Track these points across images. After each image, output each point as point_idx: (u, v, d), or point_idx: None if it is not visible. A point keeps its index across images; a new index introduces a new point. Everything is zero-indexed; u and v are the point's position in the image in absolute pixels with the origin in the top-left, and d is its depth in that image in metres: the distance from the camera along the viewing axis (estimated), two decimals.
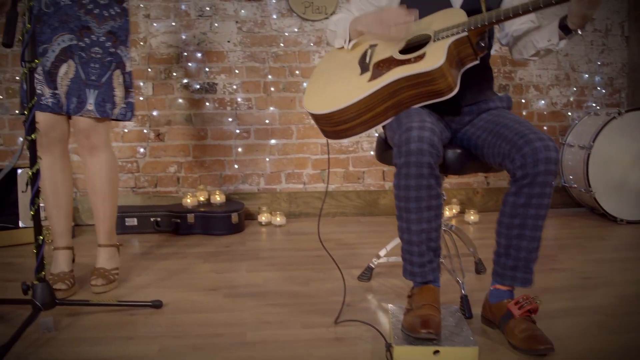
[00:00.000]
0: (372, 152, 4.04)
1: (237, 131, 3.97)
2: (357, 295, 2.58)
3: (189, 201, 3.73)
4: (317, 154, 4.03)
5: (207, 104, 3.94)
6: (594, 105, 4.30)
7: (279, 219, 3.83)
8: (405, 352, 1.92)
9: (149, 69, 3.87)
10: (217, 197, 3.80)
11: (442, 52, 2.07)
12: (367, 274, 2.76)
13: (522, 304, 2.05)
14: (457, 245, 2.72)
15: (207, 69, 3.91)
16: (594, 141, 3.77)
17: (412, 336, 1.96)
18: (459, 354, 1.92)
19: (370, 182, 4.11)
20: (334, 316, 2.30)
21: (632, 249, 3.35)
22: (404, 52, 2.25)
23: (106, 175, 2.70)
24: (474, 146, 2.27)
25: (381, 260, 2.76)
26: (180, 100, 3.93)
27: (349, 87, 2.23)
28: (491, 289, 2.20)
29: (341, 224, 3.90)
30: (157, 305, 2.42)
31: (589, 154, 3.79)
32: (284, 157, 4.02)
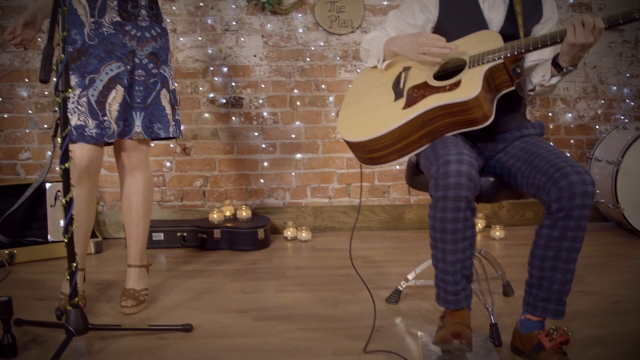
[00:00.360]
0: (397, 167, 4.02)
1: (263, 145, 3.97)
2: (386, 319, 2.57)
3: (215, 216, 3.74)
4: (343, 168, 4.02)
5: (233, 118, 3.94)
6: (623, 118, 4.25)
7: (304, 234, 3.83)
8: None
9: (176, 84, 3.86)
10: (244, 212, 3.80)
11: (478, 80, 2.06)
12: (396, 297, 2.75)
13: (554, 336, 2.03)
14: (486, 267, 2.70)
15: (233, 84, 3.91)
16: (622, 157, 3.73)
17: (444, 348, 1.96)
18: None
19: (395, 196, 4.10)
20: (363, 342, 2.30)
21: None
22: (438, 77, 2.24)
23: (143, 195, 2.72)
24: (506, 174, 2.25)
25: (409, 283, 2.75)
26: (206, 114, 3.93)
27: (383, 115, 2.22)
28: (522, 318, 2.19)
29: (367, 239, 3.89)
30: (187, 329, 2.43)
31: (617, 170, 3.74)
32: (309, 172, 4.02)
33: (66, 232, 2.14)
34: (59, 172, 2.12)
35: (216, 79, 3.91)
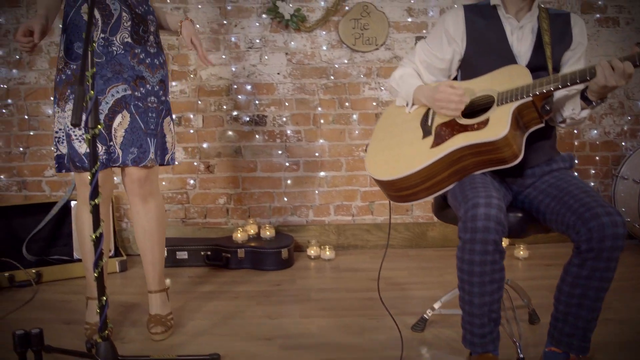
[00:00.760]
0: None
1: (287, 164, 3.98)
2: (412, 349, 2.56)
3: (239, 236, 3.74)
4: (366, 186, 4.01)
5: (257, 136, 3.95)
6: None
7: (327, 253, 3.82)
8: None
9: (199, 102, 3.89)
10: (267, 231, 3.80)
11: (507, 120, 2.05)
12: (421, 325, 2.74)
13: None
14: (511, 294, 2.69)
15: (256, 102, 3.92)
16: None
17: None
18: None
19: (418, 214, 4.09)
20: None
21: None
22: (466, 114, 2.23)
23: (156, 221, 2.74)
24: (535, 210, 2.24)
25: (435, 312, 2.74)
26: (230, 132, 3.94)
27: (411, 153, 2.21)
28: (546, 350, 2.19)
29: (390, 257, 3.87)
30: (215, 358, 2.44)
31: None
32: (333, 189, 4.02)
33: (96, 266, 2.15)
34: (90, 208, 2.13)
35: (240, 96, 3.92)
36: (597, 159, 4.16)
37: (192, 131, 3.92)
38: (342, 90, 3.94)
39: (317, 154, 3.98)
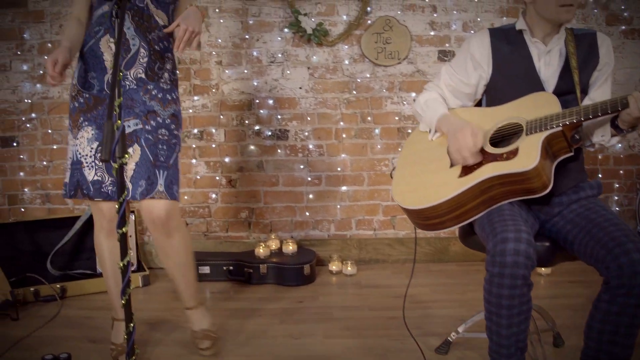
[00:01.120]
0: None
1: (309, 178, 3.97)
2: None
3: (261, 251, 3.75)
4: (388, 201, 4.00)
5: (279, 150, 3.95)
6: None
7: (349, 268, 3.81)
8: None
9: (221, 116, 3.90)
10: (290, 246, 3.81)
11: (536, 150, 2.03)
12: (445, 348, 2.73)
13: None
14: (536, 317, 2.67)
15: (279, 116, 3.92)
16: None
17: None
18: None
19: None
20: None
21: None
22: (494, 142, 2.21)
23: (184, 252, 2.70)
24: (562, 239, 2.21)
25: (459, 335, 2.73)
26: (252, 147, 3.95)
27: (439, 182, 2.20)
28: None
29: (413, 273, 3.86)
30: None
31: None
32: (354, 204, 4.01)
33: (124, 294, 2.16)
34: (117, 237, 2.14)
35: (262, 111, 3.92)
36: (621, 172, 4.12)
37: (214, 145, 3.93)
38: (364, 104, 3.93)
39: (339, 169, 3.97)
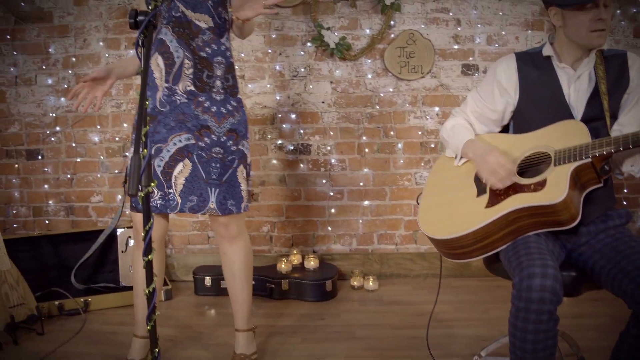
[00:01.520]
0: None
1: (331, 193, 3.97)
2: None
3: (283, 266, 3.75)
4: (410, 215, 3.98)
5: (301, 165, 3.95)
6: None
7: (371, 284, 3.80)
8: None
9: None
10: (311, 261, 3.80)
11: (565, 182, 2.01)
12: None
13: None
14: (560, 341, 2.64)
15: (301, 131, 3.91)
16: None
17: None
18: None
19: None
20: None
21: None
22: (522, 170, 2.19)
23: (244, 262, 2.75)
24: (590, 270, 2.18)
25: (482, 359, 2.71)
26: (274, 161, 3.95)
27: (465, 212, 2.18)
28: None
29: (433, 288, 3.84)
30: None
31: None
32: (376, 218, 4.00)
33: (149, 319, 2.17)
34: (143, 263, 2.15)
35: (284, 125, 3.92)
36: None
37: None
38: (387, 118, 3.91)
39: (361, 183, 3.96)
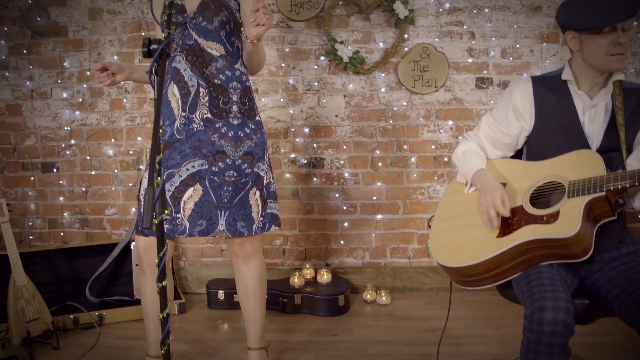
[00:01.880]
0: None
1: (344, 207, 3.97)
2: None
3: (296, 280, 3.76)
4: (423, 229, 3.97)
5: (314, 178, 3.95)
6: None
7: (384, 298, 3.80)
8: None
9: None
10: (324, 275, 3.81)
11: (578, 215, 2.00)
12: None
13: None
14: None
15: (314, 144, 3.92)
16: None
17: None
18: None
19: None
20: None
21: None
22: (534, 199, 2.18)
23: (258, 281, 2.77)
24: (603, 298, 2.17)
25: None
26: (287, 174, 3.96)
27: (476, 241, 2.18)
28: None
29: (446, 302, 3.81)
30: None
31: None
32: (389, 232, 3.99)
33: (163, 344, 2.18)
34: (157, 289, 2.16)
35: (298, 139, 3.92)
36: None
37: None
38: (400, 132, 3.91)
39: (374, 197, 3.96)
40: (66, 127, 3.94)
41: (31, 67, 3.89)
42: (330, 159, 3.94)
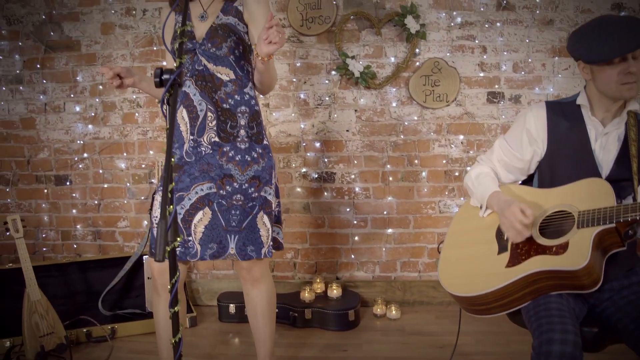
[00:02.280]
0: None
1: (355, 221, 3.98)
2: None
3: (306, 295, 3.77)
4: (433, 243, 3.98)
5: (325, 193, 3.96)
6: None
7: (394, 312, 3.81)
8: None
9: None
10: (334, 289, 3.82)
11: (587, 248, 1.99)
12: None
13: None
14: None
15: (325, 159, 3.93)
16: None
17: None
18: None
19: None
20: None
21: None
22: (543, 229, 2.18)
23: (267, 303, 2.77)
24: (612, 327, 2.17)
25: None
26: (298, 189, 3.97)
27: (486, 270, 2.19)
28: None
29: (455, 317, 3.81)
30: None
31: None
32: (399, 246, 4.00)
33: None
34: (169, 315, 2.18)
35: (309, 154, 3.93)
36: None
37: None
38: (411, 147, 3.91)
39: (385, 212, 3.96)
40: (79, 141, 3.98)
41: (45, 81, 3.93)
42: (341, 174, 3.95)
